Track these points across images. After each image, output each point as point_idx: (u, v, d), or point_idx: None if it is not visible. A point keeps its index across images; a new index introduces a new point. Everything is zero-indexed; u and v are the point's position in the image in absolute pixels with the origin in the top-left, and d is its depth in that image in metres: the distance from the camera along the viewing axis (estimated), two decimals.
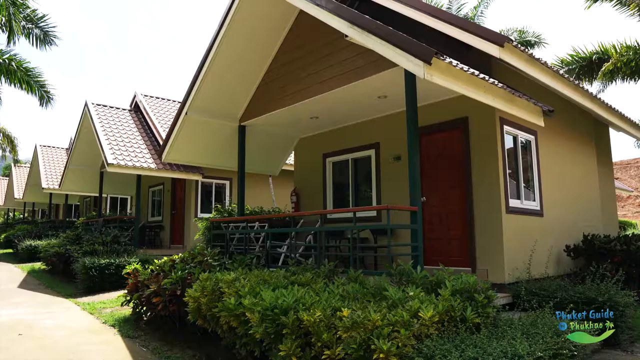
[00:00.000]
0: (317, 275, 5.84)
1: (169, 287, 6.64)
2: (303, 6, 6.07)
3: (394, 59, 4.81)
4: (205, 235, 9.23)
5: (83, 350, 6.37)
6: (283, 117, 8.46)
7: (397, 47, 4.65)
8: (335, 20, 5.45)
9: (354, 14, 5.25)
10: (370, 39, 5.07)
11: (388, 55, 4.88)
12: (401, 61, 4.72)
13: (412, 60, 4.58)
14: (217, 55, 7.91)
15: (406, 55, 4.59)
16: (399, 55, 4.70)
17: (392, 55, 4.83)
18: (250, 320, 4.92)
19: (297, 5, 6.24)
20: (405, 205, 7.38)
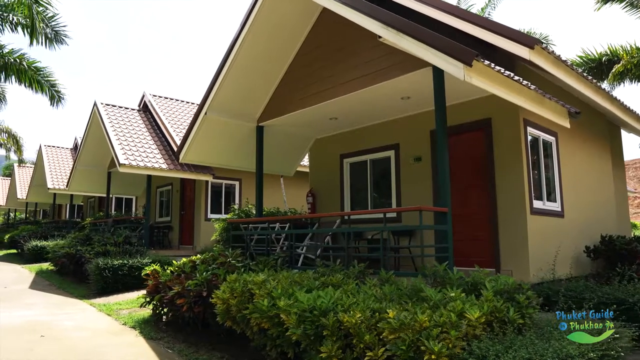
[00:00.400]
0: (348, 276, 5.84)
1: (193, 289, 6.62)
2: (334, 8, 6.07)
3: (431, 61, 4.82)
4: (222, 236, 9.21)
5: (108, 352, 6.34)
6: (302, 117, 8.46)
7: (435, 48, 4.66)
8: (368, 21, 5.46)
9: (388, 16, 5.26)
10: (405, 40, 5.08)
11: (425, 56, 4.89)
12: (439, 62, 4.73)
13: (451, 62, 4.59)
14: (237, 56, 7.91)
15: (445, 57, 4.60)
16: (436, 57, 4.71)
17: (428, 56, 4.84)
18: (286, 322, 4.91)
19: (329, 8, 6.24)
20: (428, 205, 7.42)
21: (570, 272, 7.01)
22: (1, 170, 48.31)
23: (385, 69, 6.63)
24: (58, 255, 13.19)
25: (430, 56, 4.80)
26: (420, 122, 8.16)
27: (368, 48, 6.88)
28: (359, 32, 6.99)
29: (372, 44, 6.78)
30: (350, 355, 4.33)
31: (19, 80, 12.33)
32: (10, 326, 7.64)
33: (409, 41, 5.01)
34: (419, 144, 8.18)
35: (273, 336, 5.24)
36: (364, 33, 6.84)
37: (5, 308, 9.16)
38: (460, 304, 4.10)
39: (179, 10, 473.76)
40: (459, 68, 4.54)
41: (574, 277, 7.12)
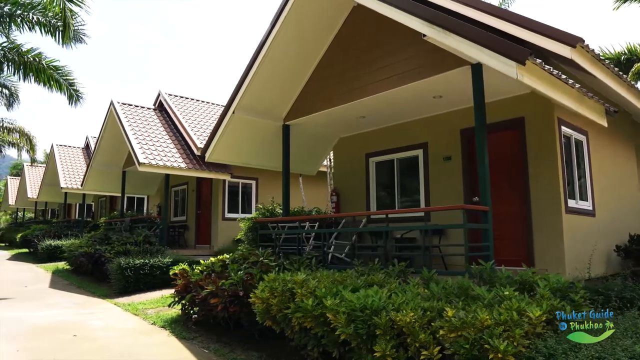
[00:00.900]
0: (389, 275, 5.83)
1: (228, 288, 6.61)
2: (376, 7, 6.05)
3: (482, 59, 4.81)
4: (248, 235, 9.20)
5: (143, 352, 6.35)
6: (330, 116, 8.46)
7: (487, 47, 4.65)
8: (412, 19, 5.45)
9: (433, 13, 5.26)
10: (452, 38, 5.07)
11: (475, 55, 4.88)
12: (490, 61, 4.72)
13: (503, 61, 4.59)
14: (266, 55, 7.92)
15: (497, 56, 4.60)
16: (488, 55, 4.71)
17: (478, 55, 4.84)
18: (332, 321, 4.90)
19: (369, 7, 6.22)
20: (459, 204, 7.41)
21: (605, 272, 7.00)
22: (8, 170, 48.33)
23: (421, 67, 6.62)
24: (75, 255, 13.19)
25: (480, 55, 4.79)
26: (450, 120, 8.15)
27: (403, 46, 6.87)
28: (393, 30, 7.00)
29: (407, 42, 6.78)
30: (404, 355, 4.33)
31: (38, 80, 12.31)
32: (41, 326, 7.65)
33: (456, 40, 5.00)
34: (448, 143, 8.17)
35: (318, 335, 5.23)
36: (398, 31, 6.86)
37: (31, 308, 9.17)
38: (517, 303, 4.10)
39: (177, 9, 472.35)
40: (512, 67, 4.54)
41: (608, 276, 7.11)
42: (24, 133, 19.77)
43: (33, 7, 11.62)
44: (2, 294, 10.68)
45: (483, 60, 4.78)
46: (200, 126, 14.46)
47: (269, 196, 14.76)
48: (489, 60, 4.71)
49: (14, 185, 34.99)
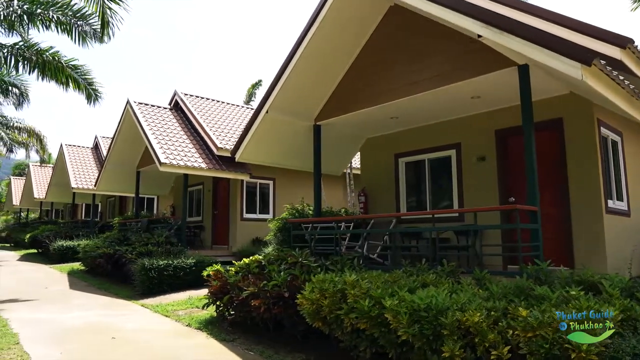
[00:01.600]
0: (439, 275, 5.86)
1: (271, 290, 6.62)
2: (427, 8, 6.07)
3: (544, 60, 4.86)
4: (277, 236, 9.21)
5: (187, 354, 6.35)
6: (363, 116, 8.48)
7: (551, 49, 4.69)
8: (467, 20, 5.48)
9: (490, 14, 5.29)
10: (509, 39, 5.12)
11: (534, 56, 4.93)
12: (551, 62, 4.78)
13: (568, 62, 4.64)
14: (302, 55, 7.95)
15: (562, 58, 4.64)
16: (551, 57, 4.76)
17: (539, 56, 4.88)
18: (392, 322, 4.93)
19: (421, 8, 6.22)
20: (492, 205, 7.47)
21: None
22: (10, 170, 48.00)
23: (464, 68, 6.66)
24: (93, 256, 13.15)
25: (541, 55, 4.83)
26: (484, 121, 8.19)
27: (445, 47, 6.91)
28: (433, 31, 7.04)
29: (450, 42, 6.82)
30: (471, 355, 4.36)
31: (55, 79, 12.25)
32: (76, 328, 7.64)
33: (515, 41, 5.04)
34: (482, 143, 8.22)
35: (373, 336, 5.26)
36: (440, 32, 6.90)
37: (59, 309, 9.14)
38: (586, 302, 4.14)
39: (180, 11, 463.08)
40: (577, 68, 4.58)
41: None
42: (34, 133, 19.67)
43: (53, 5, 11.56)
44: (25, 295, 10.65)
45: (544, 61, 4.82)
46: (218, 126, 14.45)
47: (287, 196, 14.82)
48: (551, 61, 4.75)
49: (18, 185, 34.81)
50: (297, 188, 14.82)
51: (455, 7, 5.54)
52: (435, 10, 5.92)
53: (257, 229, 14.04)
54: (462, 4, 5.51)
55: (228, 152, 13.13)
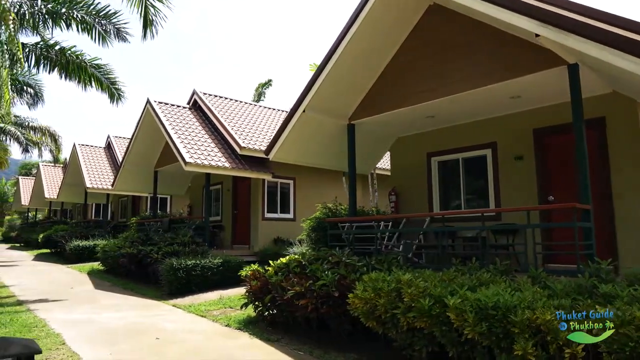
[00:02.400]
0: (493, 274, 5.88)
1: (318, 290, 6.63)
2: (481, 8, 6.07)
3: (611, 61, 4.87)
4: (311, 235, 9.22)
5: (237, 355, 6.34)
6: (398, 116, 8.50)
7: (621, 50, 4.70)
8: (524, 20, 5.49)
9: (548, 13, 5.30)
10: (571, 38, 5.13)
11: (600, 55, 4.95)
12: (620, 62, 4.78)
13: (634, 61, 4.65)
14: (341, 54, 7.94)
15: (631, 58, 4.65)
16: (618, 57, 4.76)
17: (606, 56, 4.90)
18: (454, 321, 4.96)
19: (474, 8, 6.21)
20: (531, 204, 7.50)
21: None
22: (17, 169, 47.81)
23: (508, 67, 6.69)
24: (114, 256, 13.14)
25: (609, 56, 4.85)
26: (522, 120, 8.22)
27: (488, 46, 6.94)
28: (475, 30, 7.06)
29: (493, 41, 6.84)
30: (543, 353, 4.38)
31: (77, 78, 12.22)
32: (117, 328, 7.64)
33: (578, 41, 5.07)
34: (519, 142, 8.25)
35: (433, 335, 5.29)
36: (483, 31, 6.93)
37: (92, 309, 9.14)
38: None
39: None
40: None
41: None
42: (49, 132, 19.62)
43: (77, 4, 11.53)
44: (53, 295, 10.64)
45: (613, 61, 4.83)
46: (239, 125, 14.44)
47: (307, 196, 14.86)
48: (620, 62, 4.76)
49: (26, 185, 34.70)
50: (317, 188, 14.86)
51: (513, 7, 5.55)
52: (489, 10, 5.93)
53: (278, 229, 14.06)
54: (519, 4, 5.52)
55: (251, 151, 13.15)
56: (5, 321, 7.91)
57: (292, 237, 13.89)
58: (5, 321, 7.91)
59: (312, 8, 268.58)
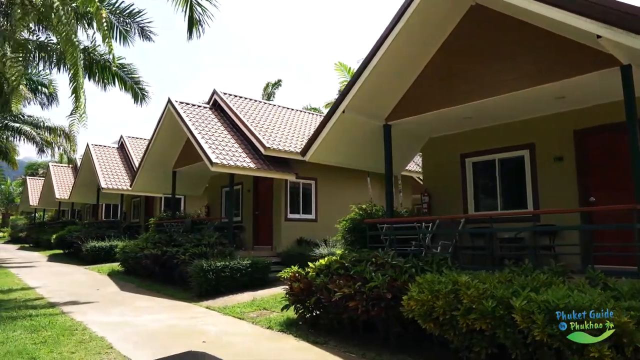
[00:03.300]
0: (550, 275, 5.91)
1: (368, 291, 6.66)
2: (537, 9, 6.09)
3: None
4: (346, 237, 9.24)
5: (289, 358, 6.35)
6: (435, 116, 8.51)
7: None
8: (583, 21, 5.52)
9: (610, 14, 5.33)
10: (637, 40, 5.16)
11: None
12: None
13: None
14: (382, 56, 7.97)
15: None
16: None
17: None
18: (520, 322, 4.99)
19: (528, 9, 6.21)
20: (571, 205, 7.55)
21: None
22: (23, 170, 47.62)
23: (555, 68, 6.73)
24: (137, 257, 13.15)
25: None
26: (561, 121, 8.26)
27: (534, 46, 6.99)
28: (520, 30, 7.10)
29: (539, 42, 6.90)
30: (618, 355, 4.43)
31: (100, 78, 12.20)
32: (160, 331, 7.67)
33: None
34: (559, 143, 8.29)
35: (495, 336, 5.31)
36: (527, 31, 6.97)
37: (127, 312, 9.16)
38: None
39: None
40: None
41: None
42: (64, 133, 19.58)
43: (101, 2, 11.50)
44: (82, 297, 10.65)
45: None
46: (261, 126, 14.43)
47: (328, 196, 14.88)
48: None
49: (34, 185, 34.56)
50: (338, 188, 14.89)
51: (574, 8, 5.58)
52: (545, 11, 5.95)
53: (300, 230, 14.08)
54: (582, 5, 5.55)
55: (275, 152, 13.15)
56: (44, 324, 7.91)
57: (314, 238, 13.92)
58: (44, 324, 7.91)
59: (319, 8, 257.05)
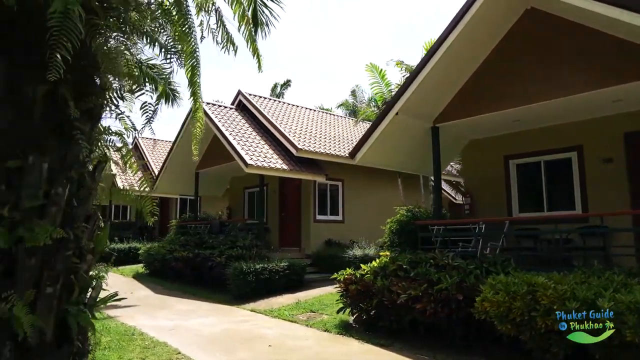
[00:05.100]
0: (625, 276, 6.07)
1: (435, 293, 6.80)
2: (601, 10, 6.26)
3: None
4: (393, 238, 9.36)
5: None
6: (484, 119, 8.66)
7: None
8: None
9: None
10: None
11: None
12: None
13: None
14: (439, 59, 8.10)
15: None
16: None
17: None
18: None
19: (591, 9, 6.38)
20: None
21: None
22: None
23: (615, 72, 6.91)
24: (165, 259, 13.18)
25: None
26: (611, 123, 8.44)
27: (591, 50, 7.17)
28: (577, 34, 7.28)
29: (597, 46, 7.08)
30: None
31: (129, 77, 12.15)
32: (217, 335, 7.74)
33: None
34: (608, 145, 8.48)
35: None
36: (584, 35, 7.15)
37: (173, 315, 9.23)
38: None
39: None
40: None
41: None
42: None
43: None
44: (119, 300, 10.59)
45: None
46: (289, 126, 14.51)
47: (355, 198, 15.01)
48: None
49: None
50: (365, 189, 15.04)
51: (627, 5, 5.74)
52: (609, 12, 6.11)
53: (328, 231, 14.21)
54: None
55: (307, 153, 13.24)
56: (99, 329, 7.89)
57: (342, 239, 14.05)
58: (100, 329, 7.90)
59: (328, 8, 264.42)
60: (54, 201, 3.09)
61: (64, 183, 3.12)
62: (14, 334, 2.97)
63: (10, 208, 2.88)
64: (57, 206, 3.10)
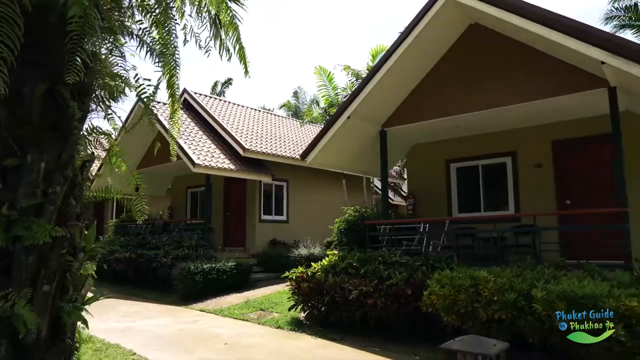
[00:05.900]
0: (553, 269, 6.78)
1: (385, 289, 7.23)
2: (536, 29, 6.96)
3: None
4: (341, 238, 9.73)
5: (319, 355, 6.68)
6: (428, 125, 9.26)
7: None
8: (593, 50, 6.42)
9: (616, 44, 6.28)
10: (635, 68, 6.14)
11: None
12: None
13: None
14: (390, 68, 8.56)
15: None
16: None
17: None
18: (541, 310, 5.77)
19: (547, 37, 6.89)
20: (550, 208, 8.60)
21: None
22: None
23: (549, 86, 7.68)
24: (107, 260, 12.76)
25: None
26: (541, 131, 9.31)
27: (528, 65, 7.91)
28: (515, 50, 8.02)
29: (533, 61, 7.83)
30: (630, 336, 5.33)
31: None
32: (171, 336, 7.76)
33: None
34: (538, 151, 9.35)
35: (515, 324, 6.08)
36: (522, 51, 7.89)
37: (119, 317, 9.11)
38: None
39: None
40: None
41: None
42: None
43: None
44: None
45: None
46: (236, 127, 14.51)
47: (299, 198, 15.30)
48: None
49: None
50: (309, 189, 15.38)
51: (585, 38, 6.47)
52: (557, 38, 6.81)
53: (273, 231, 14.40)
54: (593, 36, 6.45)
55: (254, 153, 13.35)
56: None
57: (287, 239, 14.30)
58: None
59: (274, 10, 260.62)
60: (51, 200, 3.13)
61: (61, 182, 3.16)
62: (10, 332, 2.98)
63: (7, 206, 2.89)
64: (54, 205, 3.13)
